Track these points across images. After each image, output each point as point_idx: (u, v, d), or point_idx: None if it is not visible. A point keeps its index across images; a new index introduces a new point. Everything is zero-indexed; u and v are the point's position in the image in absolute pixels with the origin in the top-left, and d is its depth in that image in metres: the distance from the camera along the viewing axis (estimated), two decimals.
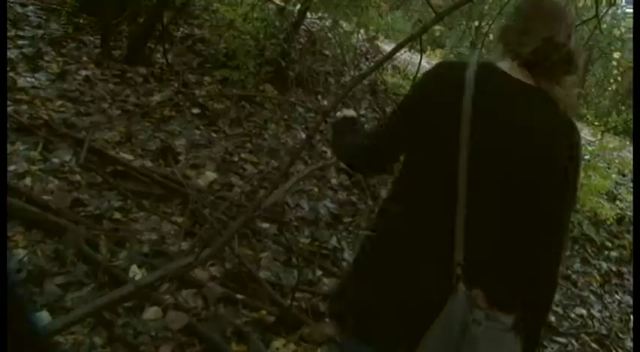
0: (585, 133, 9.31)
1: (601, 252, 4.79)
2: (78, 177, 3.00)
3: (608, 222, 5.09)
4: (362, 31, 6.24)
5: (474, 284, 1.08)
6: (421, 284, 1.13)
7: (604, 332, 3.46)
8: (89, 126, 3.51)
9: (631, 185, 6.71)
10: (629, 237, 5.15)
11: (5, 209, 2.09)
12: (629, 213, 5.56)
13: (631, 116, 9.35)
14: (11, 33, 4.50)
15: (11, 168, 2.82)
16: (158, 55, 5.16)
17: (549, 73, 1.15)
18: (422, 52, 5.20)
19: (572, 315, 3.56)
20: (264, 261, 2.88)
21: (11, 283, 0.69)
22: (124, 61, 4.81)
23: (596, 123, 9.12)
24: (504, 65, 1.18)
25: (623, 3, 10.94)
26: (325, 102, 5.76)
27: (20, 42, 4.42)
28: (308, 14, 5.85)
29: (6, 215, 2.26)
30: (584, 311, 3.65)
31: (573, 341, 3.24)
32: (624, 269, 4.57)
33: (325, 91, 5.99)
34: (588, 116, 11.05)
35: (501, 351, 1.10)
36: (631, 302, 4.03)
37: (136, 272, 2.41)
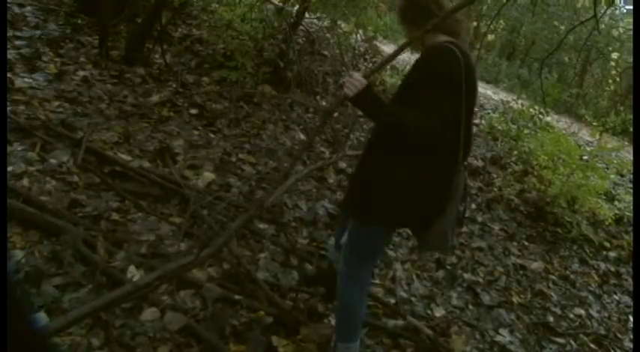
0: (584, 133, 9.34)
1: (599, 252, 4.79)
2: (76, 178, 2.99)
3: (607, 223, 5.09)
4: (360, 31, 6.24)
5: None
6: (443, 176, 1.93)
7: (602, 332, 3.47)
8: (87, 127, 3.51)
9: (629, 185, 6.73)
10: (628, 237, 5.16)
11: (5, 210, 2.08)
12: (628, 214, 5.56)
13: (629, 116, 9.35)
14: (9, 33, 4.49)
15: (9, 168, 2.82)
16: (156, 56, 5.15)
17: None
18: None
19: (571, 315, 3.56)
20: (263, 261, 2.88)
21: (11, 284, 0.69)
22: (122, 61, 4.80)
23: (594, 124, 9.11)
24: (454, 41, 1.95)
25: (622, 3, 10.97)
26: (324, 103, 5.77)
27: (18, 42, 4.41)
28: (306, 14, 5.85)
29: (6, 215, 2.26)
30: (582, 312, 3.66)
31: (572, 342, 3.24)
32: (623, 270, 4.58)
33: (324, 92, 6.00)
34: (587, 116, 11.05)
35: None
36: (629, 302, 4.03)
37: (134, 273, 2.40)
